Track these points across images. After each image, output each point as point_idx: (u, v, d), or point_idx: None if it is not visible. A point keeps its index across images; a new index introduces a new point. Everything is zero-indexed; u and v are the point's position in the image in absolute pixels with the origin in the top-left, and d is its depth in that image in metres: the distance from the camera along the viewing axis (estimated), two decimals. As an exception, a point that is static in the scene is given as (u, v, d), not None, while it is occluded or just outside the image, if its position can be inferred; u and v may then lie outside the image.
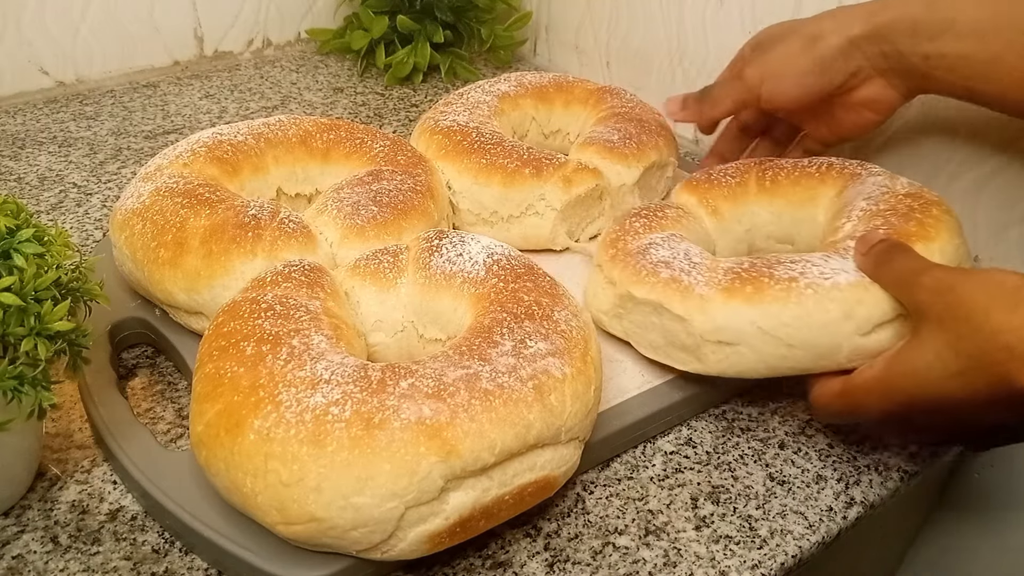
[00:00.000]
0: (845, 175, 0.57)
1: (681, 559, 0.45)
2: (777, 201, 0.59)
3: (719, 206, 0.59)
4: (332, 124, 0.64)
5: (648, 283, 0.50)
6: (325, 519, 0.38)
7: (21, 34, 0.86)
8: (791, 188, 0.58)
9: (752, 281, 0.48)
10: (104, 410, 0.48)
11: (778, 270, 0.48)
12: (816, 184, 0.58)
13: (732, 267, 0.49)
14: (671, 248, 0.52)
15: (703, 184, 0.60)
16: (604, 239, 0.56)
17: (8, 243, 0.40)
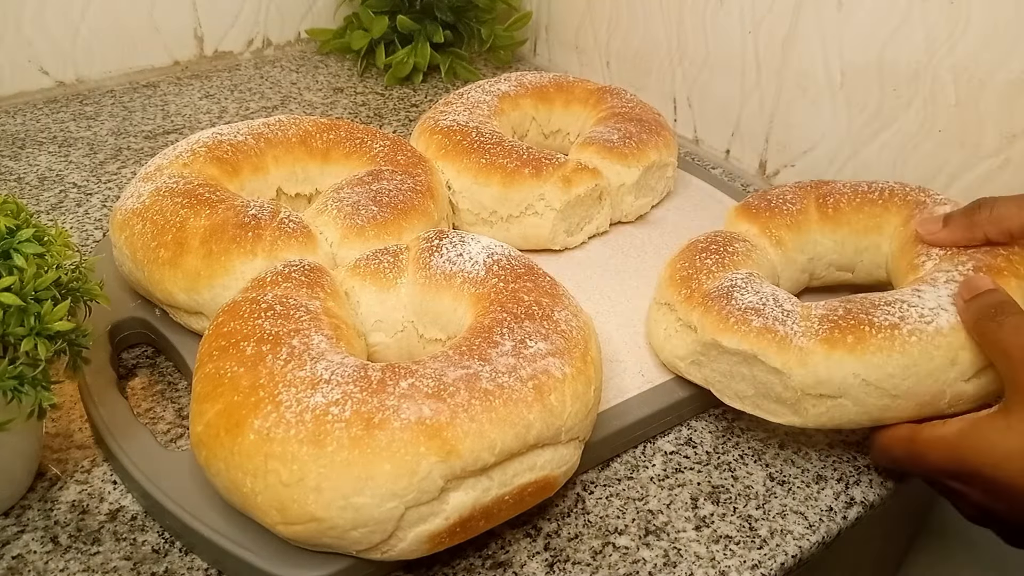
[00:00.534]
0: (910, 203, 0.55)
1: (681, 559, 0.45)
2: (841, 230, 0.57)
3: (782, 236, 0.56)
4: (332, 124, 0.64)
5: (739, 332, 0.47)
6: (325, 519, 0.38)
7: (21, 34, 0.86)
8: (854, 215, 0.56)
9: (852, 330, 0.45)
10: (104, 410, 0.48)
11: (876, 315, 0.45)
12: (880, 212, 0.56)
13: (827, 314, 0.46)
14: (756, 292, 0.49)
15: (763, 212, 0.57)
16: (671, 275, 0.53)
17: (8, 243, 0.40)
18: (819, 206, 0.57)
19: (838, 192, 0.58)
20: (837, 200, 0.57)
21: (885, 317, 0.45)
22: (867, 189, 0.57)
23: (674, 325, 0.52)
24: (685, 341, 0.51)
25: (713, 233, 0.56)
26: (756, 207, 0.58)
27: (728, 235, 0.56)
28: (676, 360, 0.52)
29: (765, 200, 0.58)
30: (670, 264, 0.55)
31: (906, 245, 0.53)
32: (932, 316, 0.45)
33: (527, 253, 0.56)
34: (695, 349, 0.50)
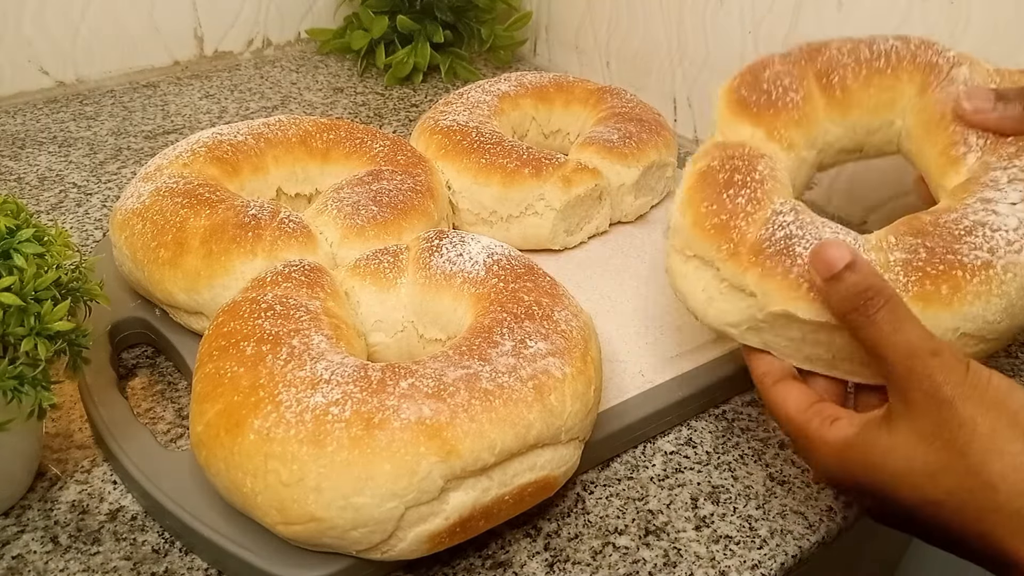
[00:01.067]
0: (921, 67, 0.48)
1: (681, 559, 0.45)
2: (851, 114, 0.49)
3: (792, 137, 0.48)
4: (332, 124, 0.64)
5: (818, 300, 0.40)
6: (325, 519, 0.38)
7: (21, 34, 0.86)
8: (863, 94, 0.49)
9: (945, 278, 0.39)
10: (104, 410, 0.48)
11: (964, 252, 0.40)
12: (891, 83, 0.48)
13: (909, 259, 0.40)
14: (814, 233, 0.41)
15: (766, 110, 0.48)
16: (699, 223, 0.44)
17: (8, 243, 0.40)
18: (824, 89, 0.49)
19: (840, 65, 0.49)
20: (843, 78, 0.49)
21: (974, 253, 0.40)
22: (870, 55, 0.49)
23: (717, 286, 0.44)
24: (738, 307, 0.43)
25: (723, 152, 0.46)
26: (756, 103, 0.48)
27: (745, 154, 0.46)
28: (727, 327, 0.45)
29: (762, 92, 0.49)
30: (689, 206, 0.45)
31: (931, 125, 0.47)
32: (1018, 239, 0.40)
33: (527, 253, 0.56)
34: (752, 316, 0.43)
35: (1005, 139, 0.44)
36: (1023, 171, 0.42)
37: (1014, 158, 0.43)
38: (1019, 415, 0.34)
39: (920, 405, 0.35)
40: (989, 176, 0.43)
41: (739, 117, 0.48)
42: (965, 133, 0.45)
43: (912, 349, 0.36)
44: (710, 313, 0.45)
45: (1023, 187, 0.42)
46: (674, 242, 0.46)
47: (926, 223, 0.42)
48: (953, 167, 0.45)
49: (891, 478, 0.36)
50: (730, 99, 0.49)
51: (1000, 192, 0.42)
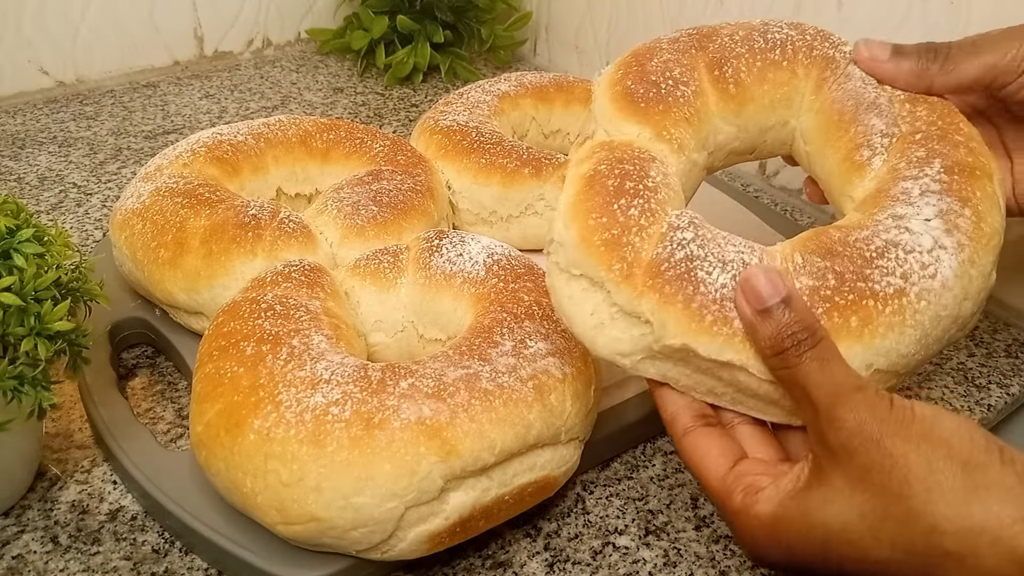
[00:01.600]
0: (818, 61, 0.44)
1: (681, 559, 0.45)
2: (745, 111, 0.44)
3: (681, 136, 0.42)
4: (332, 124, 0.64)
5: (721, 336, 0.36)
6: (325, 519, 0.38)
7: (21, 34, 0.86)
8: (758, 88, 0.44)
9: (855, 309, 0.36)
10: (104, 410, 0.48)
11: (875, 278, 0.37)
12: (787, 78, 0.44)
13: (816, 287, 0.36)
14: (720, 259, 0.37)
15: (655, 105, 0.42)
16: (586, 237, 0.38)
17: (8, 243, 0.40)
18: (716, 82, 0.44)
19: (733, 55, 0.44)
20: (736, 70, 0.44)
21: (886, 280, 0.37)
22: (764, 45, 0.45)
23: (607, 311, 0.38)
24: (631, 335, 0.38)
25: (610, 154, 0.40)
26: (644, 97, 0.42)
27: (635, 156, 0.40)
28: (618, 356, 0.39)
29: (650, 84, 0.42)
30: (575, 218, 0.38)
31: (830, 126, 0.43)
32: (933, 262, 0.37)
33: (527, 253, 0.56)
34: (648, 346, 0.37)
35: (913, 136, 0.41)
36: (935, 181, 0.39)
37: (924, 164, 0.40)
38: (952, 445, 0.31)
39: (847, 449, 0.32)
40: (899, 187, 0.40)
41: (625, 113, 0.42)
42: (868, 135, 0.42)
43: (837, 387, 0.33)
44: (599, 341, 0.38)
45: (936, 200, 0.39)
46: (557, 258, 0.39)
47: (835, 241, 0.38)
48: (858, 173, 0.42)
49: (832, 540, 0.33)
50: (615, 92, 0.43)
51: (912, 207, 0.39)
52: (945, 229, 0.38)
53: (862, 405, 0.32)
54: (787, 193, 0.79)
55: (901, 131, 0.42)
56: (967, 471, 0.30)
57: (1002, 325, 0.64)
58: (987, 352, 0.61)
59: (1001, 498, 0.30)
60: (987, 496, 0.30)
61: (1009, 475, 0.30)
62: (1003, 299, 0.65)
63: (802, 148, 0.46)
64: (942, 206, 0.38)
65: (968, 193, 0.39)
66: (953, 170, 0.39)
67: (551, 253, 0.40)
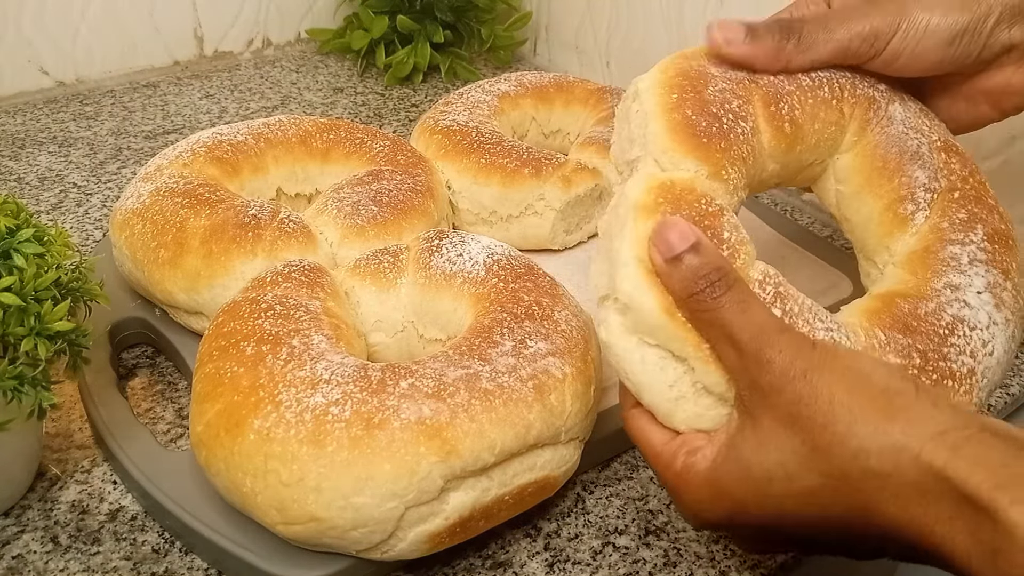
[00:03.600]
0: (861, 100, 0.43)
1: (681, 559, 0.45)
2: (795, 149, 0.43)
3: (736, 178, 0.39)
4: (332, 124, 0.64)
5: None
6: (325, 519, 0.38)
7: (21, 34, 0.86)
8: (809, 128, 0.43)
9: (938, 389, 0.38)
10: (104, 410, 0.48)
11: (952, 356, 0.38)
12: (835, 118, 0.43)
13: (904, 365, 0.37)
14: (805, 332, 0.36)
15: (716, 143, 0.39)
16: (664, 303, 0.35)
17: (8, 243, 0.40)
18: (771, 119, 0.41)
19: (784, 91, 0.42)
20: (791, 108, 0.42)
21: (960, 359, 0.38)
22: (812, 83, 0.43)
23: (688, 385, 0.37)
24: (716, 412, 0.37)
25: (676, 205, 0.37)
26: (706, 133, 0.39)
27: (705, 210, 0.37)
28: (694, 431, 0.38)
29: (711, 117, 0.39)
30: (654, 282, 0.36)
31: (873, 172, 0.43)
32: (990, 339, 0.39)
33: (527, 253, 0.56)
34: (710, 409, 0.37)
35: (951, 194, 0.43)
36: (980, 250, 0.41)
37: (968, 229, 0.41)
38: (872, 375, 0.33)
39: (775, 387, 0.33)
40: (948, 252, 0.41)
41: (685, 147, 0.38)
42: (912, 187, 0.43)
43: (761, 327, 0.34)
44: (678, 415, 0.37)
45: (983, 272, 0.40)
46: (624, 320, 0.37)
47: (907, 315, 0.39)
48: (901, 227, 0.42)
49: (765, 478, 0.34)
50: (673, 121, 0.39)
51: (964, 277, 0.40)
52: (995, 304, 0.40)
53: (788, 345, 0.33)
54: (787, 193, 0.79)
55: (941, 186, 0.43)
56: (887, 396, 0.32)
57: (1002, 325, 0.64)
58: (987, 352, 0.61)
59: (919, 418, 0.31)
60: (905, 417, 0.31)
61: (924, 399, 0.32)
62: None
63: (832, 187, 0.45)
64: (989, 278, 0.40)
65: (1007, 265, 0.41)
66: (994, 239, 0.41)
67: (612, 310, 0.37)
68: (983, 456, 0.30)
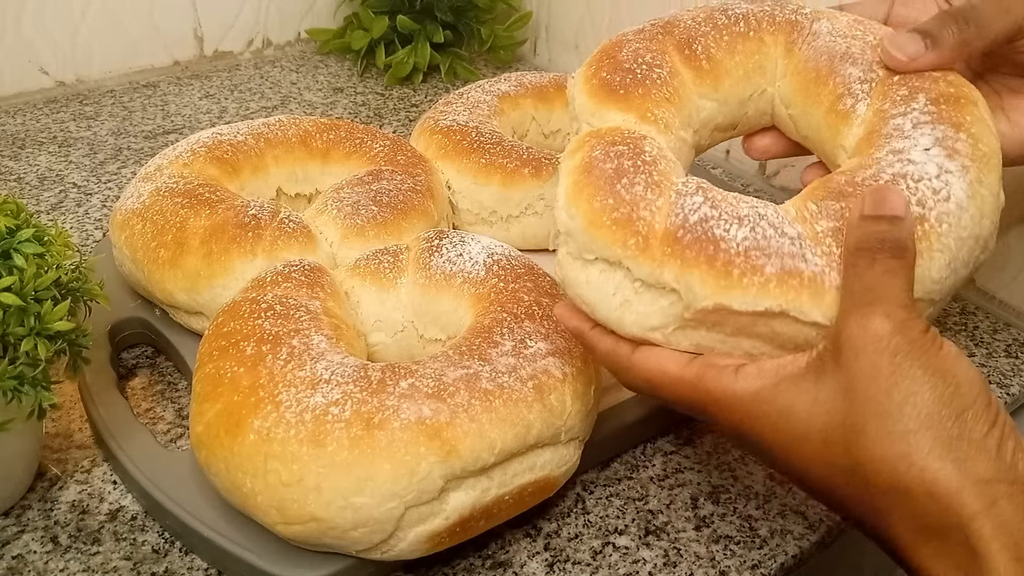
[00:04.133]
0: (782, 25, 0.46)
1: (681, 559, 0.45)
2: (723, 83, 0.45)
3: (665, 116, 0.42)
4: (332, 124, 0.64)
5: (754, 287, 0.35)
6: (325, 519, 0.38)
7: (21, 34, 0.86)
8: (730, 61, 0.45)
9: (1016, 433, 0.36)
10: (104, 410, 0.48)
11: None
12: (756, 47, 0.45)
13: (838, 227, 0.36)
14: (735, 215, 0.37)
15: (633, 90, 0.42)
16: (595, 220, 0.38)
17: (8, 243, 0.40)
18: (688, 60, 0.44)
19: (699, 34, 0.45)
20: (706, 47, 0.44)
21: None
22: (727, 20, 0.46)
23: (629, 287, 0.38)
24: (659, 306, 0.37)
25: (600, 140, 0.40)
26: (622, 84, 0.42)
27: (627, 137, 0.40)
28: (649, 332, 0.38)
29: (625, 72, 0.43)
30: (579, 204, 0.38)
31: (809, 84, 0.44)
32: (943, 186, 0.37)
33: (527, 253, 0.56)
34: (679, 315, 0.37)
35: (891, 79, 0.42)
36: (924, 113, 0.40)
37: (909, 100, 0.41)
38: (961, 390, 0.31)
39: (856, 348, 0.32)
40: (891, 125, 0.40)
41: (605, 102, 0.42)
42: (847, 83, 0.43)
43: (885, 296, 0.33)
44: (627, 319, 0.38)
45: (930, 130, 0.39)
46: (568, 248, 0.39)
47: (843, 184, 0.38)
48: (845, 122, 0.42)
49: (802, 434, 0.33)
50: (591, 85, 0.43)
51: (908, 140, 0.39)
52: (946, 155, 0.38)
53: (899, 318, 0.32)
54: (787, 193, 0.79)
55: (879, 75, 0.42)
56: (960, 421, 0.31)
57: (1002, 325, 0.64)
58: (987, 352, 0.61)
59: (975, 456, 0.30)
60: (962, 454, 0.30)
61: (992, 439, 0.31)
62: (1003, 299, 0.65)
63: (784, 113, 0.46)
64: (937, 134, 0.39)
65: (959, 119, 0.40)
66: (939, 101, 0.40)
67: (560, 245, 0.40)
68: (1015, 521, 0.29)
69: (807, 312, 0.35)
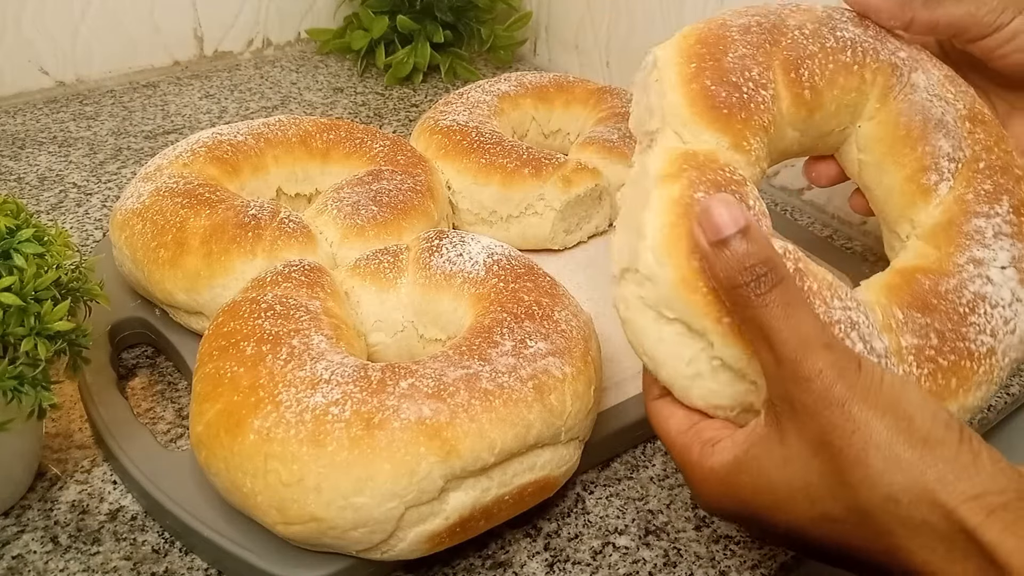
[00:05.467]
0: (884, 66, 0.42)
1: (681, 559, 0.45)
2: (814, 116, 0.41)
3: (757, 146, 0.39)
4: (332, 124, 0.64)
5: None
6: (325, 519, 0.38)
7: (21, 34, 0.86)
8: (828, 93, 0.41)
9: (955, 370, 0.37)
10: (104, 410, 0.48)
11: (971, 336, 0.37)
12: (856, 84, 0.41)
13: (921, 346, 0.36)
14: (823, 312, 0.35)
15: (737, 113, 0.38)
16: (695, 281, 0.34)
17: (8, 243, 0.40)
18: (791, 85, 0.40)
19: (806, 55, 0.41)
20: (812, 74, 0.41)
21: (980, 339, 0.38)
22: (835, 45, 0.42)
23: (706, 361, 0.36)
24: (733, 390, 0.36)
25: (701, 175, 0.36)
26: (727, 103, 0.38)
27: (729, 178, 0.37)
28: (716, 410, 0.37)
29: (732, 87, 0.39)
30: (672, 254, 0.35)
31: (896, 142, 0.42)
32: (1013, 316, 0.38)
33: (527, 253, 0.56)
34: (749, 403, 0.36)
35: (976, 164, 0.41)
36: (1006, 223, 0.40)
37: (994, 201, 0.40)
38: (915, 419, 0.31)
39: (808, 409, 0.31)
40: (972, 225, 0.40)
41: (705, 119, 0.38)
42: (936, 157, 0.41)
43: (804, 339, 0.31)
44: (694, 392, 0.37)
45: (1009, 245, 0.39)
46: (643, 294, 0.36)
47: (926, 291, 0.38)
48: (923, 198, 0.41)
49: (786, 495, 0.33)
50: (692, 91, 0.38)
51: (988, 251, 0.39)
52: (1019, 280, 0.39)
53: (831, 366, 0.31)
54: (787, 193, 0.79)
55: (966, 156, 0.41)
56: (928, 446, 0.31)
57: (1002, 325, 0.64)
58: (987, 352, 0.61)
59: (957, 475, 0.30)
60: (944, 472, 0.30)
61: (965, 454, 0.31)
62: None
63: (855, 156, 0.44)
64: (1014, 252, 0.40)
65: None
66: (1020, 211, 0.40)
67: (630, 283, 0.37)
68: (1017, 525, 0.29)
69: None
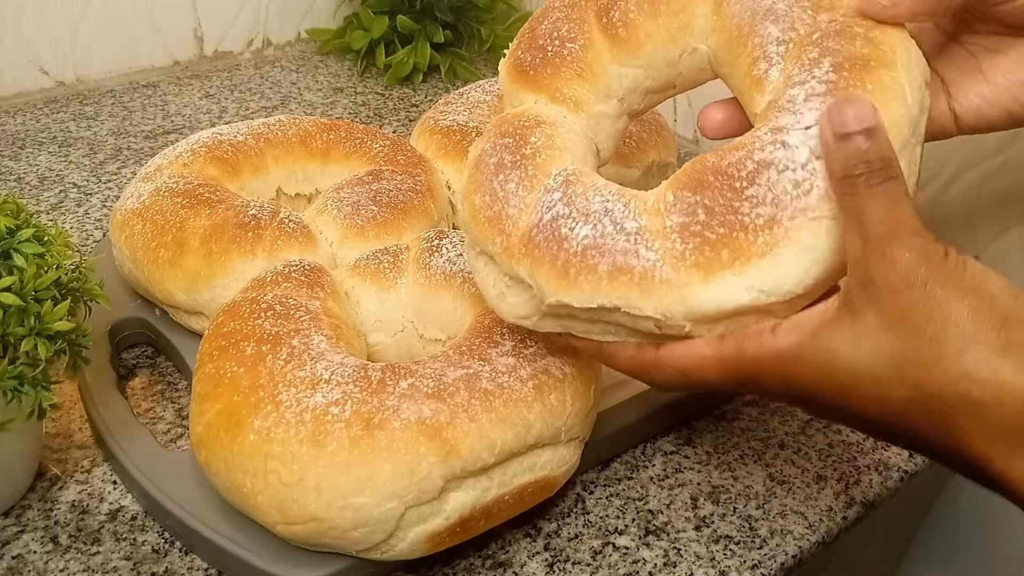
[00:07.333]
0: None
1: (681, 559, 0.45)
2: (644, 49, 0.42)
3: (576, 94, 0.42)
4: (332, 124, 0.64)
5: (587, 285, 0.35)
6: (325, 519, 0.38)
7: (21, 34, 0.86)
8: (652, 24, 0.42)
9: (725, 243, 0.34)
10: (104, 410, 0.48)
11: (745, 209, 0.34)
12: (680, 6, 0.42)
13: (686, 223, 0.35)
14: (584, 212, 0.37)
15: (542, 71, 0.42)
16: (475, 216, 0.40)
17: (8, 243, 0.40)
18: (605, 29, 0.42)
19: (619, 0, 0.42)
20: (624, 12, 0.42)
21: (757, 209, 0.34)
22: None
23: (502, 280, 0.40)
24: (522, 299, 0.39)
25: (497, 130, 0.41)
26: (532, 65, 0.42)
27: (517, 128, 0.41)
28: (521, 320, 0.40)
29: (537, 50, 0.42)
30: (466, 199, 0.41)
31: (732, 44, 0.40)
32: (808, 176, 0.34)
33: (527, 253, 0.56)
34: (537, 308, 0.38)
35: (809, 38, 0.37)
36: (821, 82, 0.35)
37: (814, 66, 0.36)
38: (997, 300, 0.31)
39: (891, 287, 0.31)
40: (786, 96, 0.36)
41: (519, 85, 0.42)
42: (764, 45, 0.38)
43: (896, 226, 0.32)
44: (503, 308, 0.40)
45: (819, 103, 0.35)
46: (465, 237, 0.42)
47: (706, 171, 0.36)
48: (759, 90, 0.38)
49: (855, 380, 0.33)
50: (509, 66, 0.43)
51: (795, 115, 0.35)
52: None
53: (918, 247, 0.31)
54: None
55: (799, 34, 0.37)
56: (1007, 327, 0.30)
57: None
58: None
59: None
60: (1020, 354, 0.30)
61: None
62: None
63: (719, 71, 0.43)
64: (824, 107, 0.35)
65: (857, 88, 0.35)
66: (843, 66, 0.35)
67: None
68: None
69: (639, 307, 0.35)
